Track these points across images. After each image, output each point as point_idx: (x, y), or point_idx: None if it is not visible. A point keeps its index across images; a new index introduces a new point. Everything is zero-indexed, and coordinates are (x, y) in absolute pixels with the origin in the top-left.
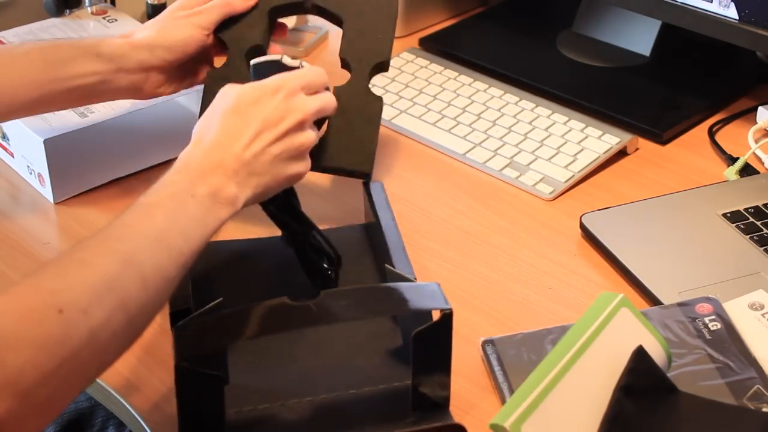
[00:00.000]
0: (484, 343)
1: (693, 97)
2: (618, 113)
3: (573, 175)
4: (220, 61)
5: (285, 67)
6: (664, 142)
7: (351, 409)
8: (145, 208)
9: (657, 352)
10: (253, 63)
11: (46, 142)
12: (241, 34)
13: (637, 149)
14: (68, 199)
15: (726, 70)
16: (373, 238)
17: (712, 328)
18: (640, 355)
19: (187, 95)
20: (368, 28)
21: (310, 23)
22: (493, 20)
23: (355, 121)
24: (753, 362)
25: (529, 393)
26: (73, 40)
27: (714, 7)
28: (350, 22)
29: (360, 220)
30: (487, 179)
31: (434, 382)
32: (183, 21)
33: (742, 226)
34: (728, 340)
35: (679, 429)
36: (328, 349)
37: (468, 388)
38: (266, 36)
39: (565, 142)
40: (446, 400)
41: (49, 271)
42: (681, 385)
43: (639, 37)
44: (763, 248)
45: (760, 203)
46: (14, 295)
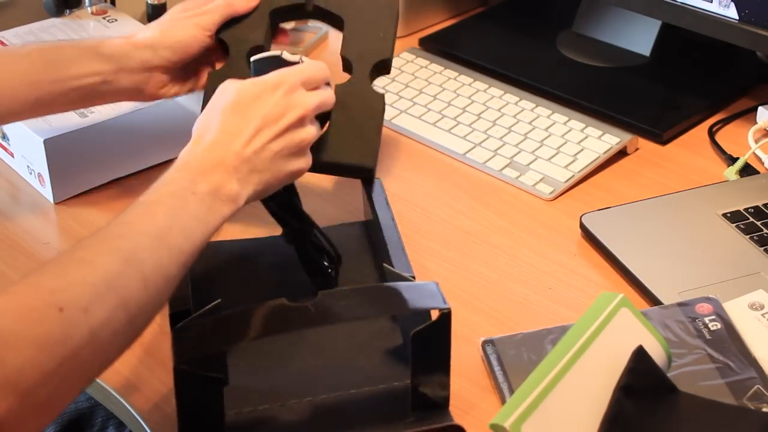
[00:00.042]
0: (484, 343)
1: (693, 97)
2: (618, 113)
3: (573, 175)
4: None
5: (285, 63)
6: (664, 142)
7: (350, 409)
8: (146, 207)
9: (657, 352)
10: (253, 60)
11: (46, 142)
12: (242, 35)
13: (637, 149)
14: (68, 199)
15: (726, 70)
16: (373, 236)
17: (712, 328)
18: (640, 355)
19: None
20: (369, 28)
21: (311, 23)
22: (493, 20)
23: (356, 118)
24: (753, 362)
25: (529, 393)
26: (75, 41)
27: (714, 7)
28: (351, 22)
29: (358, 218)
30: (487, 179)
31: (434, 382)
32: (185, 22)
33: (742, 226)
34: (728, 340)
35: (679, 429)
36: (328, 349)
37: (468, 388)
38: (267, 37)
39: (565, 142)
40: (446, 401)
41: (50, 270)
42: (681, 385)
43: (639, 37)
44: (763, 248)
45: (760, 203)
46: (14, 294)
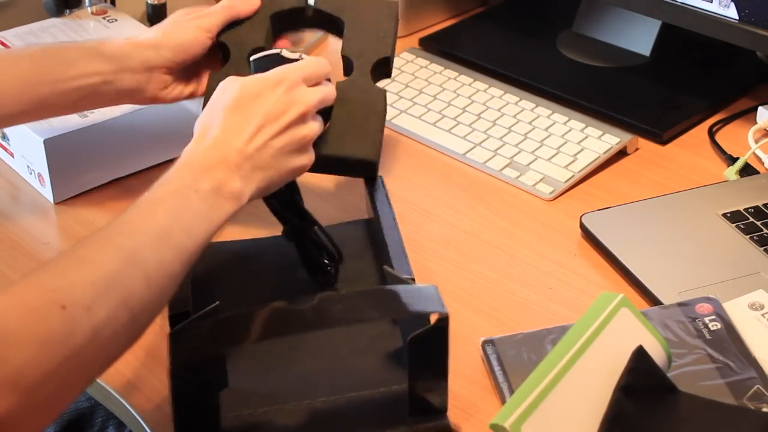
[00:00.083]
0: (484, 343)
1: (693, 97)
2: (618, 113)
3: (573, 175)
4: None
5: (285, 60)
6: (664, 142)
7: (349, 412)
8: (148, 205)
9: (657, 352)
10: (253, 58)
11: (46, 142)
12: (243, 37)
13: (637, 149)
14: (68, 199)
15: (726, 70)
16: (374, 235)
17: (712, 328)
18: (640, 355)
19: None
20: (369, 28)
21: None
22: (493, 20)
23: (358, 113)
24: (753, 362)
25: (529, 393)
26: (76, 42)
27: (714, 7)
28: (351, 24)
29: (360, 217)
30: (487, 179)
31: (431, 387)
32: (187, 24)
33: (742, 226)
34: (728, 340)
35: (679, 429)
36: (328, 351)
37: (468, 388)
38: (268, 40)
39: (565, 142)
40: (443, 405)
41: (51, 269)
42: (681, 385)
43: (639, 37)
44: (763, 248)
45: (760, 203)
46: (16, 292)
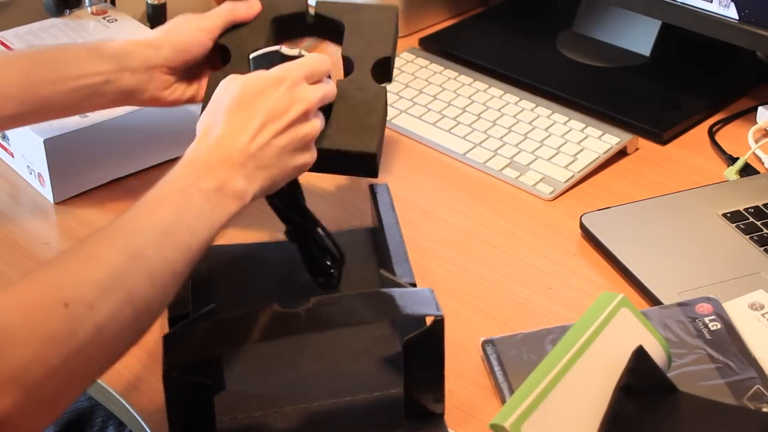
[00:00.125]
0: (484, 343)
1: (693, 97)
2: (618, 113)
3: (573, 175)
4: None
5: (285, 58)
6: (664, 142)
7: (345, 416)
8: (152, 203)
9: (657, 352)
10: (253, 56)
11: (46, 142)
12: (243, 40)
13: (637, 149)
14: (68, 199)
15: (726, 70)
16: (378, 242)
17: (712, 328)
18: (640, 355)
19: None
20: (370, 31)
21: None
22: (493, 20)
23: (358, 109)
24: (753, 362)
25: (529, 393)
26: (76, 43)
27: (714, 7)
28: (351, 27)
29: (366, 222)
30: (487, 179)
31: (427, 390)
32: (188, 25)
33: (742, 226)
34: (728, 340)
35: (679, 429)
36: (326, 355)
37: (468, 388)
38: (269, 44)
39: (565, 142)
40: (440, 408)
41: (55, 266)
42: (681, 385)
43: (639, 37)
44: (763, 248)
45: (760, 203)
46: (20, 289)
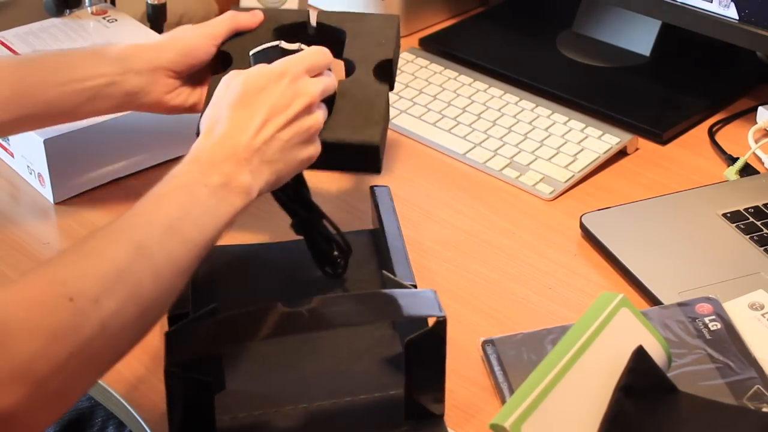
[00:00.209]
0: (484, 343)
1: (693, 97)
2: (618, 113)
3: (573, 175)
4: None
5: (285, 52)
6: (664, 142)
7: (345, 417)
8: (157, 199)
9: (657, 352)
10: (253, 53)
11: (46, 142)
12: (246, 47)
13: (637, 149)
14: (68, 199)
15: (726, 70)
16: (379, 243)
17: (712, 328)
18: (640, 355)
19: None
20: (371, 36)
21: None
22: (493, 20)
23: (360, 105)
24: (753, 362)
25: (529, 393)
26: (80, 48)
27: (714, 7)
28: (353, 33)
29: (367, 224)
30: (487, 179)
31: (428, 391)
32: (192, 31)
33: (742, 226)
34: (728, 340)
35: (679, 429)
36: (327, 355)
37: (468, 388)
38: None
39: (565, 142)
40: (440, 409)
41: (60, 261)
42: (681, 385)
43: (639, 37)
44: (763, 248)
45: (760, 203)
46: (24, 284)
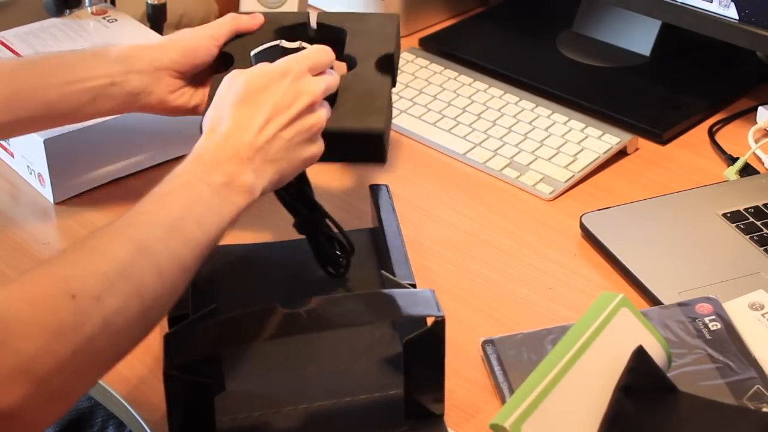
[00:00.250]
0: (484, 343)
1: (693, 97)
2: (618, 113)
3: (573, 175)
4: None
5: (285, 51)
6: (664, 142)
7: (345, 417)
8: (159, 198)
9: (657, 352)
10: (254, 53)
11: (46, 142)
12: (247, 48)
13: (637, 149)
14: (68, 199)
15: (726, 70)
16: (378, 242)
17: (712, 328)
18: (640, 355)
19: None
20: (372, 34)
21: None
22: (493, 20)
23: (363, 96)
24: (753, 362)
25: (529, 393)
26: (81, 49)
27: (714, 7)
28: (353, 32)
29: (366, 223)
30: (487, 179)
31: (427, 391)
32: (194, 32)
33: (742, 226)
34: (728, 340)
35: (679, 429)
36: (327, 355)
37: (468, 388)
38: None
39: (565, 142)
40: (440, 409)
41: (62, 259)
42: (681, 385)
43: (639, 37)
44: (763, 248)
45: (760, 203)
46: (26, 282)
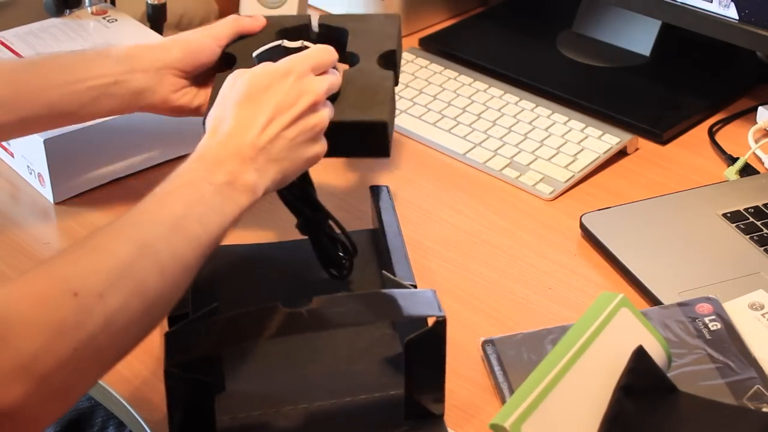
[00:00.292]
0: (484, 343)
1: (693, 97)
2: (618, 113)
3: (573, 175)
4: None
5: (288, 51)
6: (664, 142)
7: (345, 417)
8: (162, 197)
9: (657, 352)
10: (256, 54)
11: (46, 142)
12: (249, 49)
13: (637, 149)
14: (68, 199)
15: (726, 70)
16: (379, 243)
17: (712, 328)
18: (640, 355)
19: None
20: (374, 33)
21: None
22: (493, 20)
23: (366, 89)
24: (753, 362)
25: (529, 393)
26: (82, 50)
27: (714, 7)
28: (355, 31)
29: (367, 224)
30: (487, 179)
31: (428, 391)
32: (196, 33)
33: (742, 226)
34: (728, 340)
35: (679, 429)
36: (327, 355)
37: (468, 388)
38: None
39: (565, 142)
40: (440, 409)
41: (63, 257)
42: (681, 385)
43: (639, 37)
44: (763, 248)
45: (760, 203)
46: (28, 280)
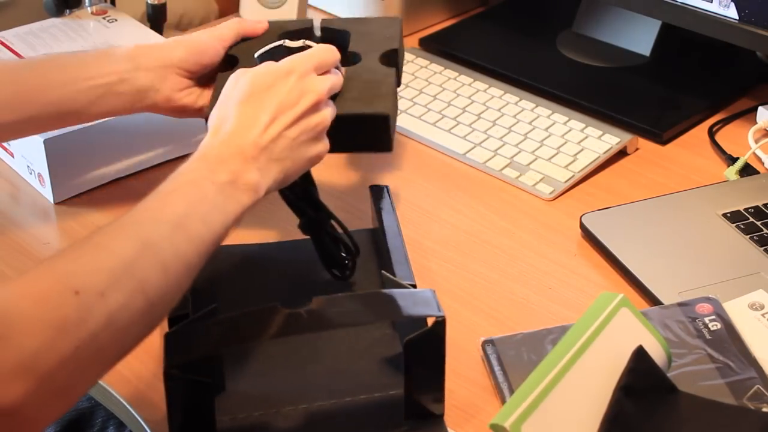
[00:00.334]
0: (484, 343)
1: (693, 97)
2: (618, 113)
3: (573, 175)
4: None
5: (289, 51)
6: (664, 142)
7: (345, 417)
8: (164, 195)
9: (657, 352)
10: (258, 54)
11: (46, 142)
12: (252, 50)
13: (637, 149)
14: (68, 199)
15: (726, 70)
16: (378, 243)
17: (712, 328)
18: (640, 355)
19: None
20: (375, 34)
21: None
22: (493, 20)
23: (368, 85)
24: (753, 362)
25: (529, 393)
26: (87, 50)
27: (714, 7)
28: (357, 33)
29: (367, 224)
30: (487, 179)
31: (428, 391)
32: (200, 34)
33: (742, 226)
34: (728, 340)
35: (679, 429)
36: (327, 355)
37: (468, 388)
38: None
39: (565, 142)
40: (440, 409)
41: (65, 255)
42: (681, 385)
43: (639, 37)
44: (763, 248)
45: (760, 203)
46: (30, 278)
